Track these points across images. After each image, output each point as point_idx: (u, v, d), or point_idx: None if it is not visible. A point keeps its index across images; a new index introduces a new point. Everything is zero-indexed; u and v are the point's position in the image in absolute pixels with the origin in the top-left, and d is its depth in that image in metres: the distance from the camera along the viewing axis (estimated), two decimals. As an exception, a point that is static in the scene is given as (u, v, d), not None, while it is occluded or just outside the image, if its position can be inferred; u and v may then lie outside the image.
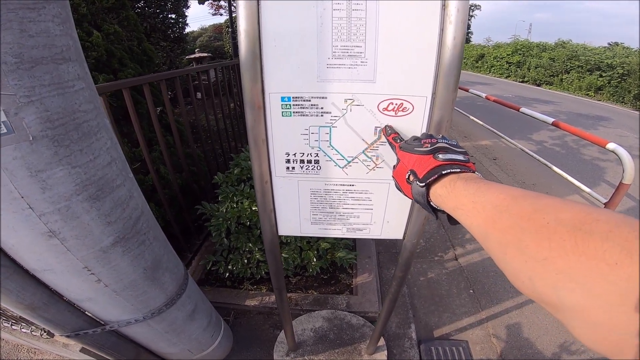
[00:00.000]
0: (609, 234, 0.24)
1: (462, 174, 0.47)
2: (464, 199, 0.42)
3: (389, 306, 1.19)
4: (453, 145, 0.55)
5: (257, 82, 0.63)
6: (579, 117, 7.33)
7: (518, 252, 0.31)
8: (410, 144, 0.57)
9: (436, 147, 0.53)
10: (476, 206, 0.39)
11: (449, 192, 0.46)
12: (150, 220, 0.98)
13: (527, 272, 0.30)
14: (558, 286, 0.26)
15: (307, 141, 0.71)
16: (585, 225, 0.26)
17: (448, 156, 0.51)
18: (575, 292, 0.25)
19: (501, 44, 17.48)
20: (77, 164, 0.69)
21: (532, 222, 0.30)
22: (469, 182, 0.44)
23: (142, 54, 2.77)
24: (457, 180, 0.46)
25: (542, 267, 0.28)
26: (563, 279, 0.25)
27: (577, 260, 0.24)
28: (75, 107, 0.68)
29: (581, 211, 0.28)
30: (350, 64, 0.63)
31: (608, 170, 4.10)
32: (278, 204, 0.83)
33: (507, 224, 0.33)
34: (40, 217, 0.67)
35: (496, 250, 0.35)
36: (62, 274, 0.80)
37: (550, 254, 0.27)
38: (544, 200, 0.32)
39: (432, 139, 0.56)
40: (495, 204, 0.37)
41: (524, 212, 0.32)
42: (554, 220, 0.28)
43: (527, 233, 0.30)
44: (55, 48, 0.62)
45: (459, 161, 0.50)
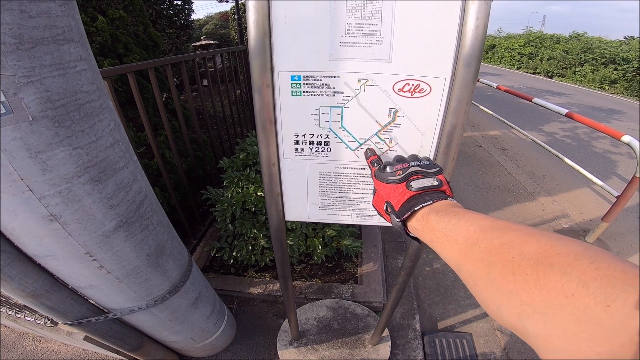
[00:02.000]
0: (567, 267, 0.26)
1: (435, 204, 0.48)
2: (437, 233, 0.44)
3: (395, 296, 1.17)
4: (425, 167, 0.55)
5: (265, 60, 0.60)
6: (591, 109, 7.19)
7: (487, 284, 0.33)
8: (384, 173, 0.57)
9: (408, 173, 0.54)
10: (449, 239, 0.41)
11: (423, 226, 0.47)
12: (154, 204, 0.96)
13: (495, 302, 0.32)
14: (522, 316, 0.28)
15: (318, 122, 0.68)
16: (547, 259, 0.28)
17: (420, 184, 0.52)
18: (538, 322, 0.27)
19: (513, 35, 17.20)
20: (78, 145, 0.67)
21: (500, 256, 0.32)
22: (440, 214, 0.45)
23: (148, 40, 2.73)
24: (429, 213, 0.47)
25: (508, 299, 0.30)
26: (527, 310, 0.28)
27: (538, 293, 0.26)
28: (77, 88, 0.66)
29: (545, 244, 0.29)
30: (365, 42, 0.59)
31: (620, 164, 4.02)
32: (285, 187, 0.80)
33: (477, 257, 0.35)
34: (41, 200, 0.65)
35: (468, 281, 0.37)
36: (63, 260, 0.78)
37: (515, 287, 0.29)
38: (511, 234, 0.34)
39: (403, 163, 0.56)
40: (466, 237, 0.38)
41: (492, 245, 0.34)
42: (519, 255, 0.30)
43: (495, 267, 0.32)
44: (56, 29, 0.60)
45: (432, 188, 0.51)
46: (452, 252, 0.40)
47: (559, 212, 2.94)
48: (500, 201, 3.12)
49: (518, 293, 0.28)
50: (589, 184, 3.33)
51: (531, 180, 3.55)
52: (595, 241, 2.54)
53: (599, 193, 3.22)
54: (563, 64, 12.49)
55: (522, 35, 16.02)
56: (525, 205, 3.05)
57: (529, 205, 3.05)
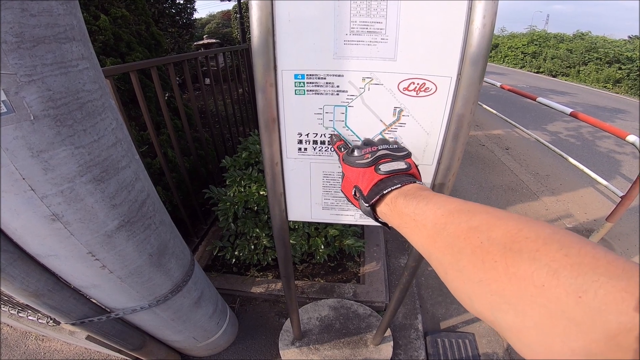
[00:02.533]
0: (536, 253, 0.24)
1: (403, 187, 0.46)
2: (405, 217, 0.42)
3: (398, 297, 1.16)
4: (394, 150, 0.55)
5: (269, 58, 0.59)
6: (595, 109, 7.15)
7: (457, 273, 0.31)
8: (352, 157, 0.56)
9: (377, 157, 0.53)
10: (417, 224, 0.39)
11: (391, 210, 0.46)
12: (156, 203, 0.96)
13: (467, 292, 0.30)
14: (494, 307, 0.27)
15: (321, 121, 0.67)
16: (515, 244, 0.26)
17: (389, 167, 0.51)
18: (509, 314, 0.25)
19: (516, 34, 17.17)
20: (80, 144, 0.67)
21: (467, 242, 0.30)
22: (408, 197, 0.43)
23: (150, 39, 2.73)
24: (397, 197, 0.45)
25: (479, 289, 0.28)
26: (497, 301, 0.26)
27: (508, 282, 0.25)
28: (79, 87, 0.65)
29: (513, 227, 0.28)
30: (370, 40, 0.58)
31: (624, 164, 3.99)
32: (288, 187, 0.79)
33: (445, 243, 0.34)
34: (43, 200, 0.65)
35: (439, 269, 0.35)
36: (66, 259, 0.78)
37: (484, 276, 0.27)
38: (479, 216, 0.32)
39: (372, 146, 0.55)
40: (435, 221, 0.37)
41: (459, 230, 0.32)
42: (487, 240, 0.29)
43: (464, 254, 0.30)
44: (58, 27, 0.59)
45: (400, 171, 0.50)
46: (421, 238, 0.38)
47: (562, 212, 2.92)
48: (503, 201, 3.10)
49: (488, 282, 0.27)
50: (593, 183, 3.30)
51: (535, 179, 3.53)
52: (599, 241, 2.52)
53: (603, 193, 3.20)
54: (567, 63, 12.45)
55: (526, 35, 16.01)
56: (529, 205, 3.04)
57: (533, 205, 3.04)
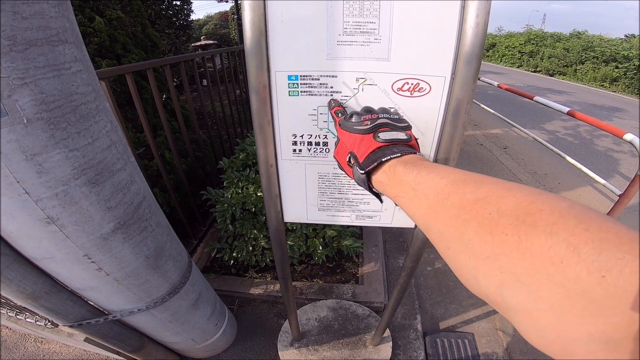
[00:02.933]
0: (553, 227, 0.22)
1: (403, 157, 0.44)
2: (404, 186, 0.40)
3: (397, 297, 1.16)
4: (395, 120, 0.52)
5: (262, 59, 0.59)
6: (593, 107, 7.17)
7: (462, 247, 0.29)
8: (349, 122, 0.53)
9: (377, 124, 0.50)
10: (417, 194, 0.37)
11: (389, 178, 0.43)
12: (152, 205, 0.96)
13: (471, 270, 0.28)
14: (503, 286, 0.24)
15: (316, 122, 0.67)
16: (529, 217, 0.24)
17: (389, 136, 0.48)
18: (520, 293, 0.23)
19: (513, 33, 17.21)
20: (74, 147, 0.67)
21: (474, 213, 0.28)
22: (408, 166, 0.41)
23: (147, 40, 2.73)
24: (397, 164, 0.43)
25: (486, 265, 0.25)
26: (508, 279, 0.23)
27: (521, 258, 0.22)
28: (73, 89, 0.65)
29: (524, 199, 0.25)
30: (363, 40, 0.58)
31: (622, 162, 4.00)
32: (284, 189, 0.79)
33: (448, 215, 0.31)
34: (37, 203, 0.65)
35: (439, 243, 0.33)
36: (62, 262, 0.78)
37: (493, 251, 0.25)
38: (486, 186, 0.30)
39: (372, 114, 0.53)
40: (437, 191, 0.34)
41: (465, 201, 0.30)
42: (496, 211, 0.26)
43: (470, 226, 0.28)
44: (50, 30, 0.59)
45: (400, 141, 0.48)
46: (420, 209, 0.36)
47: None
48: (501, 200, 3.10)
49: (497, 258, 0.24)
50: (591, 182, 3.31)
51: (533, 179, 3.53)
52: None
53: (601, 192, 3.20)
54: (564, 62, 12.51)
55: (523, 34, 16.07)
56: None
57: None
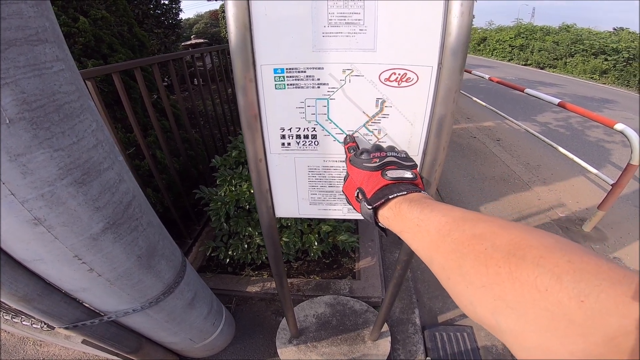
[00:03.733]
0: (540, 260, 0.25)
1: (408, 195, 0.48)
2: (408, 223, 0.43)
3: (393, 291, 1.16)
4: (402, 159, 0.55)
5: (247, 54, 0.59)
6: (583, 99, 7.23)
7: (460, 278, 0.32)
8: (359, 159, 0.57)
9: (385, 162, 0.54)
10: (421, 230, 0.40)
11: (394, 215, 0.46)
12: (143, 205, 0.95)
13: (468, 297, 0.31)
14: (496, 312, 0.27)
15: (304, 115, 0.66)
16: (519, 251, 0.27)
17: (396, 174, 0.51)
18: (510, 318, 0.26)
19: (504, 27, 17.25)
20: (59, 146, 0.66)
21: (471, 248, 0.31)
22: (413, 204, 0.44)
23: (134, 40, 2.69)
24: (402, 202, 0.46)
25: (481, 294, 0.29)
26: (500, 305, 0.26)
27: (511, 287, 0.25)
28: (55, 89, 0.64)
29: (516, 235, 0.29)
30: (348, 31, 0.58)
31: (614, 152, 4.05)
32: (274, 184, 0.78)
33: (449, 249, 0.34)
34: (24, 204, 0.64)
35: (440, 274, 0.36)
36: (52, 263, 0.77)
37: (488, 281, 0.28)
38: (482, 225, 0.33)
39: (381, 152, 0.56)
40: (438, 228, 0.37)
41: (464, 237, 0.33)
42: (491, 247, 0.29)
43: (467, 259, 0.31)
44: (29, 29, 0.58)
45: (406, 179, 0.51)
46: (423, 244, 0.39)
47: (555, 202, 2.95)
48: (496, 192, 3.12)
49: (491, 287, 0.28)
50: (584, 172, 3.34)
51: (526, 170, 3.56)
52: (592, 230, 2.55)
53: (594, 182, 3.23)
54: (554, 55, 12.60)
55: (513, 28, 16.10)
56: (521, 195, 3.06)
57: (525, 195, 3.06)
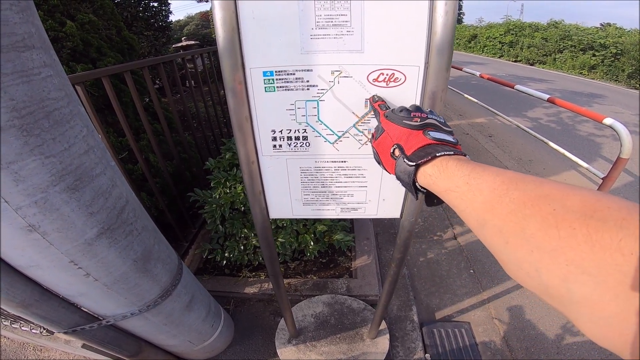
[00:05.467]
0: (623, 222, 0.22)
1: (455, 155, 0.44)
2: (457, 180, 0.39)
3: (388, 289, 1.17)
4: (442, 123, 0.52)
5: (236, 57, 0.59)
6: (573, 94, 7.30)
7: (522, 241, 0.29)
8: (398, 115, 0.53)
9: (426, 123, 0.50)
10: (471, 189, 0.37)
11: (440, 172, 0.43)
12: (137, 209, 0.95)
13: (533, 263, 0.28)
14: (569, 279, 0.24)
15: (294, 117, 0.67)
16: (597, 213, 0.24)
17: (439, 135, 0.48)
18: (587, 285, 0.23)
19: (494, 24, 17.37)
20: (50, 153, 0.66)
21: (537, 208, 0.28)
22: (462, 162, 0.41)
23: (123, 43, 2.67)
24: (449, 160, 0.43)
25: (551, 258, 0.26)
26: (574, 271, 0.24)
27: (590, 251, 0.23)
28: (44, 95, 0.64)
29: (590, 197, 0.26)
30: (336, 33, 0.59)
31: (604, 146, 4.10)
32: (267, 185, 0.79)
33: (507, 210, 0.31)
34: (17, 211, 0.64)
35: (496, 238, 0.32)
36: (48, 269, 0.77)
37: (559, 244, 0.25)
38: (548, 185, 0.30)
39: (421, 112, 0.52)
40: (493, 187, 0.34)
41: (526, 197, 0.30)
42: (562, 207, 0.26)
43: (532, 220, 0.28)
44: (15, 36, 0.58)
45: (449, 142, 0.48)
46: (474, 204, 0.36)
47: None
48: (489, 188, 3.14)
49: (564, 251, 0.25)
50: (575, 166, 3.38)
51: (519, 165, 3.60)
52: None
53: (585, 175, 3.28)
54: (543, 51, 12.73)
55: (502, 24, 16.23)
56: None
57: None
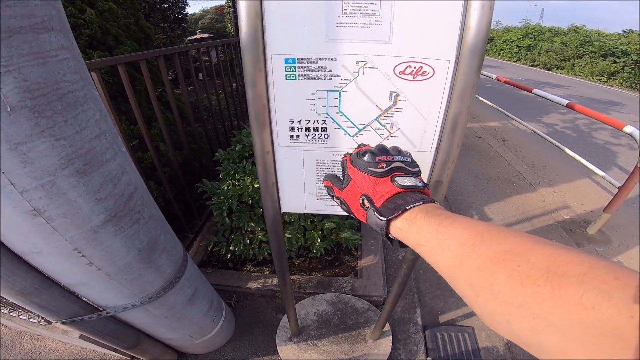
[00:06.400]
0: (584, 277, 0.24)
1: (424, 205, 0.43)
2: (426, 235, 0.39)
3: (397, 290, 1.14)
4: (408, 164, 0.50)
5: (257, 42, 0.57)
6: (590, 101, 7.17)
7: (491, 296, 0.30)
8: (363, 161, 0.50)
9: (392, 168, 0.48)
10: (440, 244, 0.37)
11: (409, 226, 0.42)
12: (145, 197, 0.93)
13: (503, 316, 0.29)
14: (537, 330, 0.26)
15: (314, 107, 0.64)
16: (560, 268, 0.25)
17: (407, 182, 0.46)
18: (554, 336, 0.24)
19: (511, 27, 17.18)
20: (61, 135, 0.64)
21: (503, 265, 0.29)
22: (430, 216, 0.40)
23: (140, 32, 2.67)
24: (418, 213, 0.42)
25: (519, 312, 0.27)
26: (541, 324, 0.25)
27: (554, 306, 0.24)
28: (59, 77, 0.62)
29: (552, 252, 0.27)
30: (364, 22, 0.56)
31: (620, 155, 4.01)
32: (281, 177, 0.76)
33: (476, 266, 0.32)
34: (23, 194, 0.62)
35: (467, 292, 0.33)
36: (51, 256, 0.75)
37: (525, 300, 0.26)
38: (511, 239, 0.31)
39: (387, 155, 0.50)
40: (461, 242, 0.34)
41: (492, 253, 0.31)
42: (526, 263, 0.28)
43: (499, 277, 0.29)
44: (35, 18, 0.57)
45: (417, 188, 0.46)
46: (444, 259, 0.36)
47: (559, 204, 2.92)
48: (500, 192, 3.09)
49: (530, 307, 0.26)
50: (589, 175, 3.31)
51: (531, 171, 3.52)
52: (597, 232, 2.52)
53: (599, 184, 3.20)
54: (562, 56, 12.53)
55: (521, 28, 16.07)
56: (526, 197, 3.03)
57: (530, 197, 3.03)
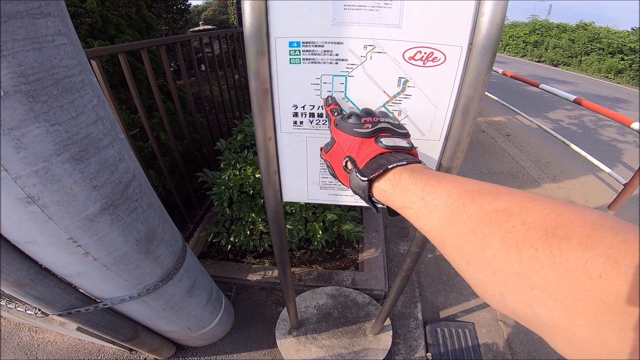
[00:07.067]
0: (588, 240, 0.20)
1: (409, 165, 0.41)
2: (412, 196, 0.36)
3: (400, 285, 1.12)
4: (395, 126, 0.49)
5: (261, 24, 0.54)
6: (597, 98, 7.11)
7: (484, 263, 0.26)
8: (347, 123, 0.49)
9: (378, 129, 0.47)
10: (427, 205, 0.34)
11: (394, 187, 0.40)
12: (143, 185, 0.90)
13: (497, 287, 0.26)
14: (535, 304, 0.23)
15: (319, 92, 0.62)
16: (560, 230, 0.22)
17: (392, 142, 0.45)
18: (555, 310, 0.21)
19: (518, 23, 17.01)
20: (56, 121, 0.62)
21: (496, 226, 0.26)
22: (415, 175, 0.38)
23: (141, 22, 2.64)
24: (402, 172, 0.40)
25: (514, 282, 0.24)
26: (540, 296, 0.22)
27: (554, 275, 0.21)
28: (55, 62, 0.60)
29: (551, 210, 0.24)
30: (372, 5, 0.53)
31: (626, 152, 3.98)
32: (283, 165, 0.73)
33: (466, 228, 0.29)
34: (16, 181, 0.60)
35: (457, 258, 0.30)
36: (45, 246, 0.73)
37: (521, 267, 0.23)
38: (505, 197, 0.28)
39: (372, 117, 0.49)
40: (449, 202, 0.31)
41: (484, 212, 0.28)
42: (521, 224, 0.24)
43: (492, 241, 0.26)
44: (31, 2, 0.55)
45: (403, 149, 0.45)
46: (431, 221, 0.33)
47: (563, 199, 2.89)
48: (503, 189, 3.07)
49: (527, 275, 0.23)
50: (594, 171, 3.28)
51: (536, 166, 3.49)
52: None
53: (604, 181, 3.17)
54: (569, 52, 12.44)
55: (528, 24, 15.93)
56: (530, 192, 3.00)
57: (534, 192, 2.97)
